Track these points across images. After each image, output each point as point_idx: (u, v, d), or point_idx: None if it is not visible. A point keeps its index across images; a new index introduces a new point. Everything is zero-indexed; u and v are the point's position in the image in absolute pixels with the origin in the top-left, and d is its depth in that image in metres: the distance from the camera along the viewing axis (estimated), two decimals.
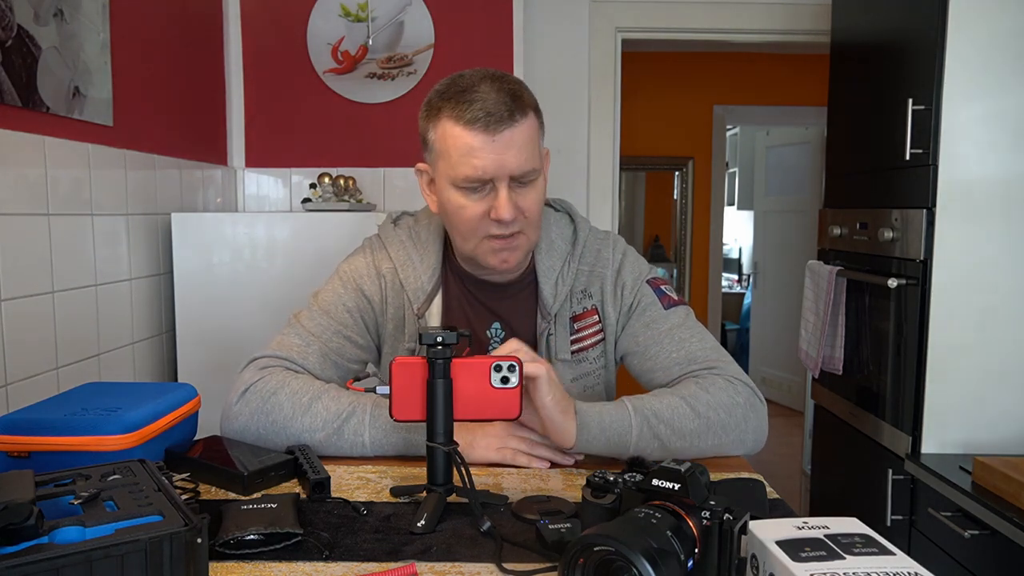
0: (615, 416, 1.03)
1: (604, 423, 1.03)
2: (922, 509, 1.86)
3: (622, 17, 2.90)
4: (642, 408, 1.05)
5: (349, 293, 1.22)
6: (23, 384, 1.50)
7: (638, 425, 1.03)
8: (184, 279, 2.08)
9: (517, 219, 1.09)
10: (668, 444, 1.04)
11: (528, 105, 1.08)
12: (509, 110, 1.04)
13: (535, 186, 1.10)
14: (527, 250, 1.16)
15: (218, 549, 0.77)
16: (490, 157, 1.04)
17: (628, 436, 1.03)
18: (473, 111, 1.04)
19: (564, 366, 1.20)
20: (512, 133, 1.05)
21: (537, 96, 1.13)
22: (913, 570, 0.60)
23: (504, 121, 1.04)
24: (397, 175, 2.64)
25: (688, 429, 1.05)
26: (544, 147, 1.16)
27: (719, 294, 5.45)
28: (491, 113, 1.03)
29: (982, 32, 1.77)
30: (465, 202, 1.09)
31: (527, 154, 1.06)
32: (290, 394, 1.08)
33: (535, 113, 1.10)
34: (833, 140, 2.47)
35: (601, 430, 1.02)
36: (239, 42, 2.60)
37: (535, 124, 1.09)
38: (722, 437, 1.08)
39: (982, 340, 1.81)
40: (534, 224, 1.13)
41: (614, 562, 0.61)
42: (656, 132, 5.19)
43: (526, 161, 1.06)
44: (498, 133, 1.04)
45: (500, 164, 1.05)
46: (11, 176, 1.47)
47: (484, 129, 1.04)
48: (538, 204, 1.12)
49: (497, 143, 1.04)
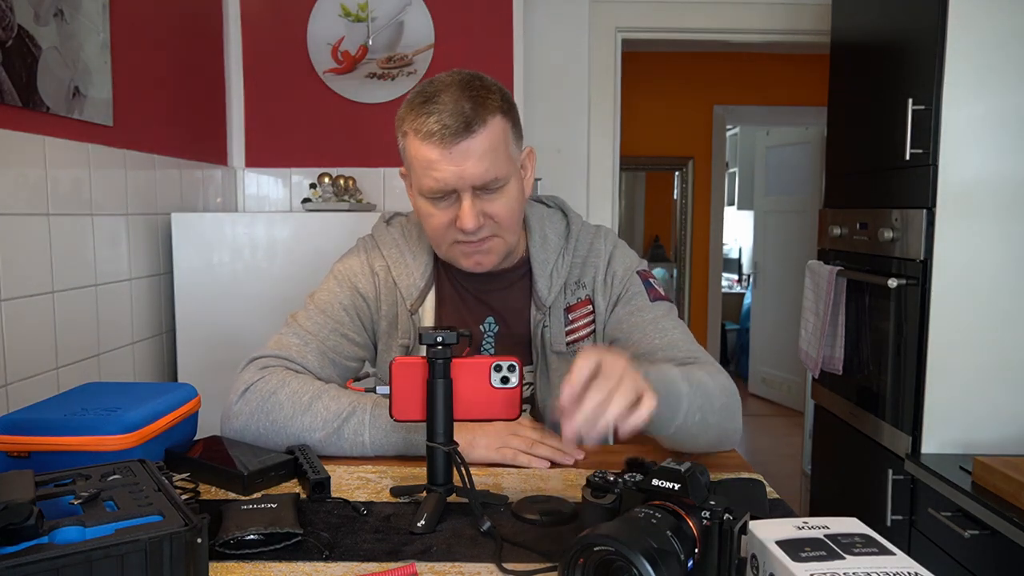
0: (672, 385, 0.97)
1: (667, 390, 0.96)
2: (922, 509, 1.86)
3: (622, 17, 2.90)
4: (689, 377, 1.01)
5: (345, 292, 1.22)
6: (23, 384, 1.50)
7: (688, 395, 0.98)
8: (184, 279, 2.08)
9: (485, 225, 1.09)
10: (706, 418, 1.01)
11: (492, 110, 1.06)
12: (466, 121, 1.03)
13: (505, 192, 1.09)
14: (503, 252, 1.16)
15: (218, 549, 0.77)
16: (449, 170, 1.04)
17: (679, 408, 0.98)
18: (428, 124, 1.03)
19: (559, 358, 1.20)
20: (470, 144, 1.04)
21: (537, 96, 1.12)
22: (913, 570, 0.60)
23: (460, 134, 1.03)
24: (397, 175, 2.64)
25: (718, 406, 1.03)
26: (525, 146, 1.16)
27: (719, 294, 5.46)
28: (446, 126, 1.02)
29: (982, 32, 1.77)
30: (433, 211, 1.10)
31: (488, 163, 1.05)
32: (290, 393, 1.08)
33: (504, 116, 1.08)
34: (833, 140, 2.47)
35: (665, 396, 0.94)
36: (239, 42, 2.60)
37: (500, 129, 1.07)
38: (728, 423, 1.07)
39: (982, 340, 1.81)
40: (508, 227, 1.12)
41: (614, 562, 0.61)
42: (656, 132, 5.20)
43: (487, 171, 1.05)
44: (454, 145, 1.03)
45: (459, 176, 1.05)
46: (11, 176, 1.47)
47: (440, 142, 1.03)
48: (508, 209, 1.11)
49: (455, 155, 1.04)
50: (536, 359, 1.21)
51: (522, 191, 1.15)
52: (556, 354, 1.20)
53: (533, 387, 1.22)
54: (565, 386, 0.82)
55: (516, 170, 1.12)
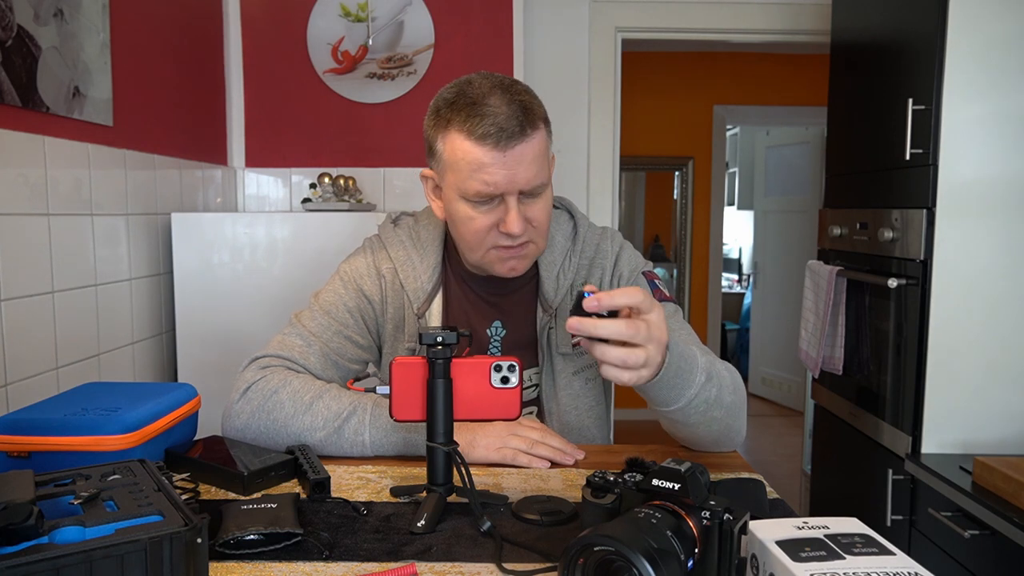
0: (688, 365, 0.96)
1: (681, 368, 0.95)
2: (922, 509, 1.86)
3: (622, 17, 2.90)
4: (710, 367, 1.00)
5: (350, 293, 1.22)
6: (23, 384, 1.50)
7: (700, 384, 0.97)
8: (184, 279, 2.08)
9: (526, 230, 1.09)
10: (711, 411, 1.00)
11: (539, 117, 1.06)
12: (520, 125, 1.02)
13: (544, 196, 1.10)
14: (535, 257, 1.16)
15: (218, 549, 0.77)
16: (501, 173, 1.03)
17: (691, 385, 0.97)
18: (484, 126, 1.01)
19: (565, 359, 1.20)
20: (524, 148, 1.03)
21: (537, 96, 1.12)
22: (913, 570, 0.60)
23: (515, 137, 1.02)
24: (397, 175, 2.65)
25: (727, 402, 1.02)
26: (551, 152, 1.16)
27: (719, 294, 5.45)
28: (503, 128, 1.01)
29: (982, 32, 1.77)
30: (474, 214, 1.08)
31: (537, 168, 1.06)
32: (291, 393, 1.08)
33: (544, 124, 1.08)
34: (833, 140, 2.47)
35: (677, 373, 0.94)
36: (239, 42, 2.60)
37: (545, 135, 1.08)
38: (732, 420, 1.06)
39: (982, 340, 1.81)
40: (542, 232, 1.13)
41: (614, 562, 0.61)
42: (656, 132, 5.20)
43: (536, 175, 1.05)
44: (509, 149, 1.02)
45: (511, 180, 1.04)
46: (11, 176, 1.47)
47: (495, 145, 1.02)
48: (546, 213, 1.12)
49: (508, 159, 1.03)
50: (542, 361, 1.21)
51: (552, 196, 1.15)
52: (562, 356, 1.20)
53: (539, 389, 1.22)
54: (610, 295, 0.83)
55: (551, 176, 1.12)
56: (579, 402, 1.21)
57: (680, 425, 1.03)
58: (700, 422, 1.02)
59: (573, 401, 1.21)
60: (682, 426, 1.03)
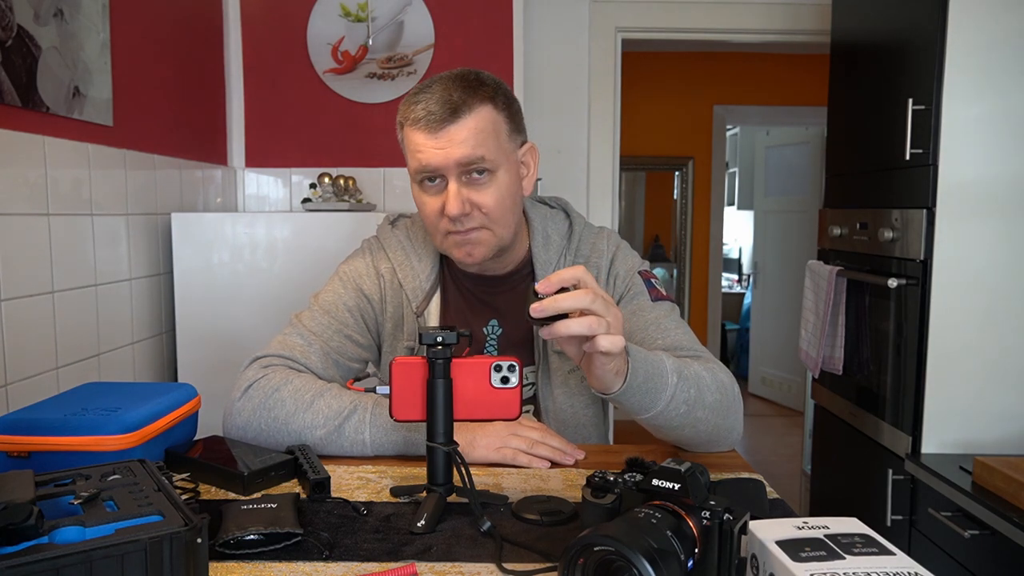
0: (656, 370, 0.97)
1: (649, 373, 0.96)
2: (922, 509, 1.86)
3: (622, 17, 2.90)
4: (682, 369, 1.01)
5: (349, 293, 1.23)
6: (23, 384, 1.50)
7: (675, 385, 0.98)
8: (184, 279, 2.08)
9: (473, 215, 1.10)
10: (692, 411, 1.00)
11: (482, 99, 1.08)
12: (452, 108, 1.06)
13: (494, 182, 1.10)
14: (495, 245, 1.14)
15: (218, 549, 0.77)
16: (434, 153, 1.07)
17: (664, 387, 0.98)
18: (416, 112, 1.07)
19: (561, 358, 1.20)
20: (455, 129, 1.06)
21: (537, 96, 1.13)
22: (913, 570, 0.60)
23: (445, 120, 1.06)
24: (397, 175, 2.64)
25: (709, 402, 1.03)
26: (528, 142, 1.17)
27: (719, 294, 5.46)
28: (432, 112, 1.06)
29: (982, 32, 1.77)
30: (425, 198, 1.12)
31: (473, 144, 1.07)
32: (292, 391, 1.09)
33: (495, 107, 1.09)
34: (833, 140, 2.47)
35: (645, 379, 0.95)
36: (239, 42, 2.60)
37: (489, 118, 1.09)
38: (721, 419, 1.06)
39: (982, 340, 1.81)
40: (497, 219, 1.12)
41: (614, 562, 0.61)
42: (656, 132, 5.20)
43: (472, 150, 1.07)
44: (441, 131, 1.06)
45: (445, 158, 1.07)
46: (11, 176, 1.47)
47: (426, 127, 1.07)
48: (497, 200, 1.10)
49: (441, 139, 1.07)
50: (538, 359, 1.21)
51: (516, 185, 1.14)
52: (557, 354, 1.20)
53: (535, 387, 1.22)
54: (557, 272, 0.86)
55: (509, 163, 1.12)
56: (575, 400, 1.22)
57: (666, 430, 1.03)
58: (684, 424, 1.02)
59: (569, 399, 1.21)
60: (668, 430, 1.03)
